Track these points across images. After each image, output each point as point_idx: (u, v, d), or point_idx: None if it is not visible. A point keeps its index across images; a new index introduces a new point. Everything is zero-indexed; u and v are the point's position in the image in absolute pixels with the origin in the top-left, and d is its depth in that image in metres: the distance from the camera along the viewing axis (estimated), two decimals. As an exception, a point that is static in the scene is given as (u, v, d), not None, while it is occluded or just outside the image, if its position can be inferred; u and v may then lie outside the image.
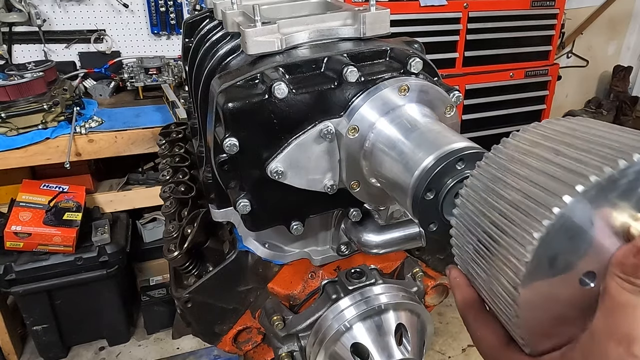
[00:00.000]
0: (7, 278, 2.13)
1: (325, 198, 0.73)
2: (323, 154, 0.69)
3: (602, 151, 0.35)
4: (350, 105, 0.67)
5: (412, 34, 2.45)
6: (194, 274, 1.01)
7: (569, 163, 0.36)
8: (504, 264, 0.38)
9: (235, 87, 0.67)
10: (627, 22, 4.07)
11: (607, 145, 0.35)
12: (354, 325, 0.81)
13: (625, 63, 4.04)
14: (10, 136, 2.06)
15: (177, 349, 2.58)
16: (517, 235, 0.36)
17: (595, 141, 0.36)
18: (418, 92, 0.65)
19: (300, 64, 0.69)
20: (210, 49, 0.91)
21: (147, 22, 2.80)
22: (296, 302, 0.96)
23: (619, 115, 3.92)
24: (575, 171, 0.35)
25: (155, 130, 2.21)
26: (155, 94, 2.62)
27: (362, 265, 0.92)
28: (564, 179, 0.34)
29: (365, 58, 0.70)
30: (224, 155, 0.67)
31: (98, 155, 2.23)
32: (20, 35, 2.61)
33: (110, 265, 2.28)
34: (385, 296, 0.84)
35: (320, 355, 0.83)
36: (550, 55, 3.00)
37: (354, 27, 0.75)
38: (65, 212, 2.21)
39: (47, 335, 2.37)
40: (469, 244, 0.43)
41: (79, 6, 2.66)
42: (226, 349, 1.04)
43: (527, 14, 2.78)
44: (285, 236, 0.93)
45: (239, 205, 0.69)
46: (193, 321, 0.99)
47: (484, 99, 2.84)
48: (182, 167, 1.22)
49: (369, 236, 0.83)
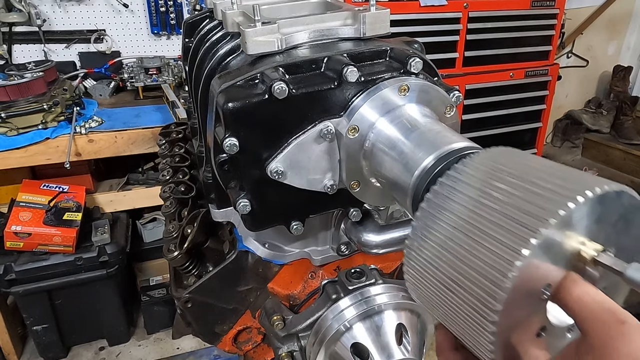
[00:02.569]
0: (7, 278, 2.13)
1: (325, 198, 0.73)
2: (323, 154, 0.69)
3: (553, 193, 0.38)
4: (350, 105, 0.67)
5: (412, 34, 2.45)
6: (194, 274, 1.01)
7: (529, 203, 0.39)
8: (481, 285, 0.39)
9: (235, 87, 0.67)
10: (627, 22, 4.07)
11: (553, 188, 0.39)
12: (354, 325, 0.81)
13: (625, 63, 4.04)
14: (10, 136, 2.06)
15: (177, 349, 2.58)
16: (497, 259, 0.38)
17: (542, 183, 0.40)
18: (418, 92, 0.65)
19: (300, 64, 0.69)
20: (210, 49, 0.91)
21: (147, 22, 2.80)
22: (296, 302, 0.96)
23: (619, 115, 3.92)
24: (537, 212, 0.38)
25: (155, 130, 2.22)
26: (155, 94, 2.62)
27: (362, 265, 0.92)
28: (531, 217, 0.38)
29: (365, 58, 0.70)
30: (224, 155, 0.67)
31: (98, 155, 2.24)
32: (20, 35, 2.61)
33: (110, 265, 2.28)
34: (385, 296, 0.84)
35: (320, 355, 0.83)
36: (550, 55, 3.00)
37: (354, 27, 0.75)
38: (65, 212, 2.21)
39: (47, 335, 2.37)
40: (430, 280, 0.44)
41: (79, 6, 2.66)
42: (226, 349, 1.04)
43: (527, 14, 2.78)
44: (285, 236, 0.93)
45: (238, 205, 0.69)
46: (193, 321, 0.99)
47: (484, 99, 2.84)
48: (182, 167, 1.22)
49: (369, 236, 0.83)
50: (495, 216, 0.40)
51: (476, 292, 0.39)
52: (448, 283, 0.42)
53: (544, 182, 0.39)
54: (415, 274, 0.46)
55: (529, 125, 3.12)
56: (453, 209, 0.43)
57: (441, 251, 0.43)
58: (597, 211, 0.39)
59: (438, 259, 0.43)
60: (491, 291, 0.38)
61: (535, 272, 0.38)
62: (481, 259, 0.39)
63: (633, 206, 0.41)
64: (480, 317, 0.39)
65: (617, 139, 3.91)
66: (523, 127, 3.11)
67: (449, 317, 0.44)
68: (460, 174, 0.45)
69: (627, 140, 3.83)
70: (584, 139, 4.09)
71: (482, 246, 0.39)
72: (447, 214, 0.44)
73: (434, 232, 0.44)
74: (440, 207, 0.44)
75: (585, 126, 4.01)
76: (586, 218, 0.38)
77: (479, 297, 0.39)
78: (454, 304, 0.42)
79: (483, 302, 0.39)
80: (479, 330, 0.40)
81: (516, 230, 0.37)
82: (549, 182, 0.39)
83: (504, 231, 0.38)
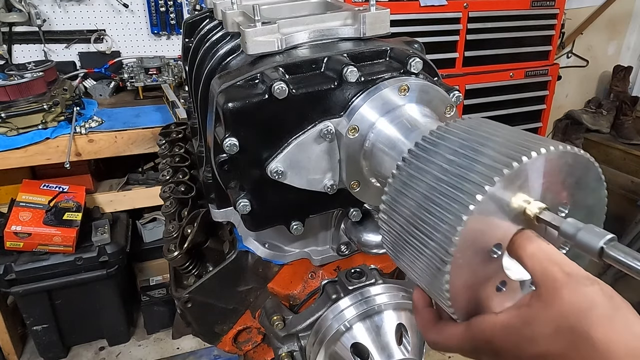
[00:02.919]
0: (7, 278, 2.13)
1: (325, 198, 0.73)
2: (323, 154, 0.69)
3: (503, 154, 0.43)
4: (350, 105, 0.67)
5: (412, 34, 2.45)
6: (194, 274, 1.01)
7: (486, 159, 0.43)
8: (432, 245, 0.44)
9: (235, 87, 0.67)
10: (627, 22, 4.07)
11: (506, 149, 0.43)
12: (353, 325, 0.81)
13: (625, 63, 4.03)
14: (10, 136, 2.06)
15: (177, 349, 2.58)
16: (446, 217, 0.43)
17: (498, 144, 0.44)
18: (418, 92, 0.65)
19: (300, 64, 0.69)
20: (210, 49, 0.91)
21: (147, 22, 2.80)
22: (296, 302, 0.96)
23: (619, 115, 3.92)
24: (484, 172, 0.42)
25: (155, 130, 2.21)
26: (155, 94, 2.62)
27: (362, 265, 0.92)
28: (482, 174, 0.42)
29: (365, 58, 0.71)
30: (224, 155, 0.67)
31: (98, 155, 2.23)
32: (20, 35, 2.61)
33: (110, 265, 2.28)
34: (385, 296, 0.84)
35: (320, 355, 0.83)
36: (550, 55, 3.00)
37: (354, 27, 0.75)
38: (65, 212, 2.21)
39: (47, 335, 2.37)
40: (398, 226, 0.49)
41: (79, 6, 2.66)
42: (226, 349, 1.04)
43: (527, 14, 2.78)
44: (285, 236, 0.93)
45: (238, 205, 0.69)
46: (193, 321, 0.99)
47: (484, 99, 2.84)
48: (182, 167, 1.22)
49: (369, 236, 0.83)
50: (450, 177, 0.44)
51: (432, 245, 0.44)
52: (413, 237, 0.47)
53: (498, 145, 0.44)
54: (388, 228, 0.51)
55: (529, 125, 3.12)
56: (419, 175, 0.48)
57: (405, 209, 0.48)
58: (544, 171, 0.43)
59: (404, 216, 0.48)
60: (443, 243, 0.43)
61: (484, 227, 0.43)
62: (436, 215, 0.44)
63: (581, 166, 0.44)
64: (436, 267, 0.44)
65: (617, 139, 3.90)
66: (523, 127, 3.10)
67: (414, 270, 0.49)
68: (426, 144, 0.50)
69: (627, 140, 3.83)
70: (584, 139, 4.09)
71: (438, 204, 0.44)
72: (414, 181, 0.48)
73: (404, 194, 0.49)
74: (409, 173, 0.49)
75: (585, 126, 4.00)
76: (533, 178, 0.42)
77: (434, 249, 0.44)
78: (417, 256, 0.47)
79: (437, 253, 0.43)
80: (436, 280, 0.45)
81: (466, 189, 0.42)
82: (502, 146, 0.44)
83: (456, 190, 0.43)
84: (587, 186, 0.46)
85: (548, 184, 0.44)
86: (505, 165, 0.41)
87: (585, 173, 0.45)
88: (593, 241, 0.39)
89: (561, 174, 0.44)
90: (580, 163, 0.44)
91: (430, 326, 0.52)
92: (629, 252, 0.39)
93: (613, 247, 0.39)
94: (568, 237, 0.41)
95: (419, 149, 0.50)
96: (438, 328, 0.51)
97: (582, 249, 0.40)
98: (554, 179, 0.44)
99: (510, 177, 0.41)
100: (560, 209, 0.46)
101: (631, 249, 0.39)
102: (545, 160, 0.42)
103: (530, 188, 0.43)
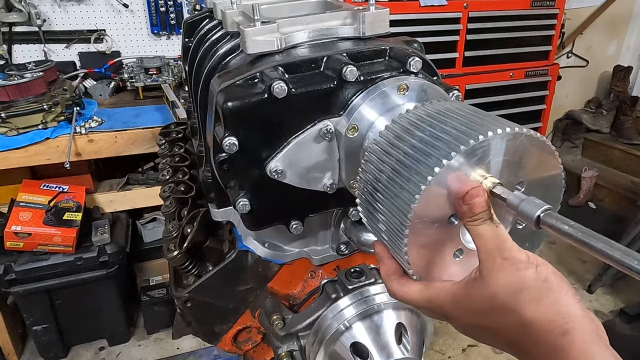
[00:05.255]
0: (7, 278, 2.13)
1: (324, 197, 0.73)
2: (322, 153, 0.69)
3: (463, 132, 0.47)
4: (350, 105, 0.67)
5: (412, 34, 2.45)
6: (194, 273, 1.01)
7: (448, 137, 0.48)
8: (397, 204, 0.49)
9: (234, 86, 0.67)
10: (627, 22, 4.07)
11: (466, 128, 0.47)
12: (353, 325, 0.81)
13: (625, 63, 4.03)
14: (10, 136, 2.06)
15: (177, 349, 2.58)
16: (408, 186, 0.48)
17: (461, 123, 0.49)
18: (417, 91, 0.65)
19: (299, 63, 0.69)
20: (210, 49, 0.91)
21: (147, 22, 2.80)
22: (296, 301, 0.96)
23: (619, 115, 3.92)
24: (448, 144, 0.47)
25: (155, 130, 2.21)
26: (155, 94, 2.62)
27: (362, 264, 0.92)
28: (443, 149, 0.47)
29: (365, 57, 0.71)
30: (224, 154, 0.67)
31: (98, 155, 2.23)
32: (20, 35, 2.61)
33: (110, 265, 2.28)
34: (385, 295, 0.84)
35: (320, 354, 0.83)
36: (550, 55, 3.00)
37: (353, 27, 0.75)
38: (65, 212, 2.21)
39: (47, 335, 2.37)
40: (371, 187, 0.54)
41: (79, 6, 2.66)
42: (226, 348, 1.04)
43: (527, 14, 2.78)
44: (285, 235, 0.93)
45: (238, 204, 0.69)
46: (193, 321, 0.99)
47: (484, 99, 2.84)
48: (182, 167, 1.22)
49: (369, 235, 0.83)
50: (416, 152, 0.49)
51: (395, 209, 0.49)
52: (380, 203, 0.52)
53: (460, 124, 0.48)
54: (363, 195, 0.56)
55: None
56: (391, 149, 0.53)
57: (374, 178, 0.54)
58: (503, 150, 0.46)
59: (373, 185, 0.54)
60: (403, 209, 0.48)
61: (442, 197, 0.47)
62: (399, 184, 0.49)
63: (537, 148, 0.48)
64: (398, 231, 0.49)
65: (617, 139, 3.90)
66: (523, 127, 3.11)
67: (382, 233, 0.54)
68: (394, 124, 0.55)
69: (627, 140, 3.83)
70: (584, 139, 4.09)
71: (403, 175, 0.49)
72: (387, 154, 0.53)
73: (378, 166, 0.54)
74: (382, 149, 0.54)
75: (585, 126, 4.01)
76: (493, 156, 0.46)
77: (396, 214, 0.49)
78: (383, 220, 0.52)
79: (398, 218, 0.49)
80: (398, 242, 0.50)
81: (428, 162, 0.47)
82: (463, 125, 0.48)
83: (419, 163, 0.48)
84: (544, 167, 0.50)
85: (506, 162, 0.47)
86: (462, 142, 0.45)
87: (541, 155, 0.49)
88: (532, 211, 0.43)
89: (518, 153, 0.47)
90: (535, 145, 0.48)
91: (393, 278, 0.56)
92: (562, 219, 0.42)
93: (548, 215, 0.43)
94: (513, 207, 0.45)
95: (395, 124, 0.55)
96: (400, 281, 0.55)
97: (523, 219, 0.44)
98: (512, 159, 0.47)
99: (467, 153, 0.45)
100: (517, 187, 0.50)
101: (565, 217, 0.43)
102: (502, 140, 0.46)
103: (489, 165, 0.47)
